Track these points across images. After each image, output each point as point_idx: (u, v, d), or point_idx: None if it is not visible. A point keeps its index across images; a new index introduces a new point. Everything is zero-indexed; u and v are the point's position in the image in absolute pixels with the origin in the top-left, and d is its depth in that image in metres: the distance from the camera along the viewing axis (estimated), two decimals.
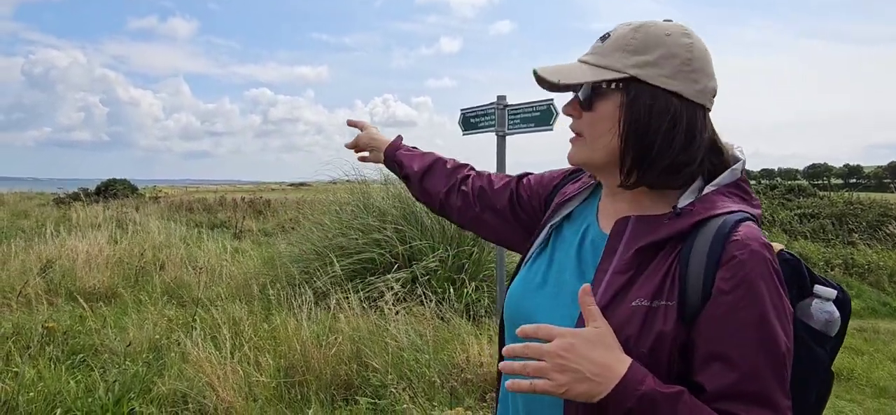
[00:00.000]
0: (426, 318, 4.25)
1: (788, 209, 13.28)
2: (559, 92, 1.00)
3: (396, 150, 1.41)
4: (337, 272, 4.97)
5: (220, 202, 18.74)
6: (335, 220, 6.18)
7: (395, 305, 4.30)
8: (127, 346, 3.95)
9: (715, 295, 0.80)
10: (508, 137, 4.50)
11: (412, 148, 1.42)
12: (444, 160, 1.36)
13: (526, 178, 1.24)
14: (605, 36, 0.93)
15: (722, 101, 0.96)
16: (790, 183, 19.09)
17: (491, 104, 4.47)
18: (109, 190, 20.29)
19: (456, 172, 1.32)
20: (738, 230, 0.82)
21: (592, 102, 0.92)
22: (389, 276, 4.94)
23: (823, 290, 0.87)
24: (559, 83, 0.92)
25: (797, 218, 12.27)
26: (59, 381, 3.35)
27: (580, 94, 0.94)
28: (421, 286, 4.78)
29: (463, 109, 4.80)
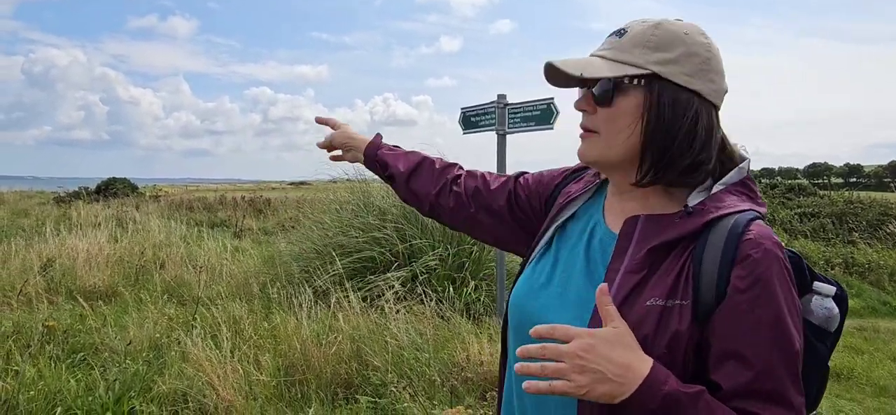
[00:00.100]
0: (426, 316, 4.25)
1: (789, 208, 13.29)
2: (571, 87, 0.97)
3: (378, 149, 1.35)
4: (337, 271, 4.98)
5: (220, 201, 18.73)
6: (335, 218, 6.18)
7: (395, 304, 4.30)
8: (127, 345, 3.95)
9: (730, 294, 0.80)
10: (508, 136, 4.51)
11: (394, 147, 1.36)
12: (431, 159, 1.31)
13: (522, 177, 1.21)
14: (620, 32, 0.90)
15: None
16: (790, 182, 19.09)
17: (491, 103, 4.48)
18: (110, 189, 20.31)
19: (445, 172, 1.28)
20: (750, 229, 0.82)
21: (613, 98, 0.89)
22: (389, 274, 4.94)
23: (823, 286, 0.88)
24: (582, 76, 0.89)
25: (797, 217, 12.28)
26: (59, 379, 3.35)
27: (595, 89, 0.91)
28: (421, 285, 4.78)
29: (463, 108, 4.80)
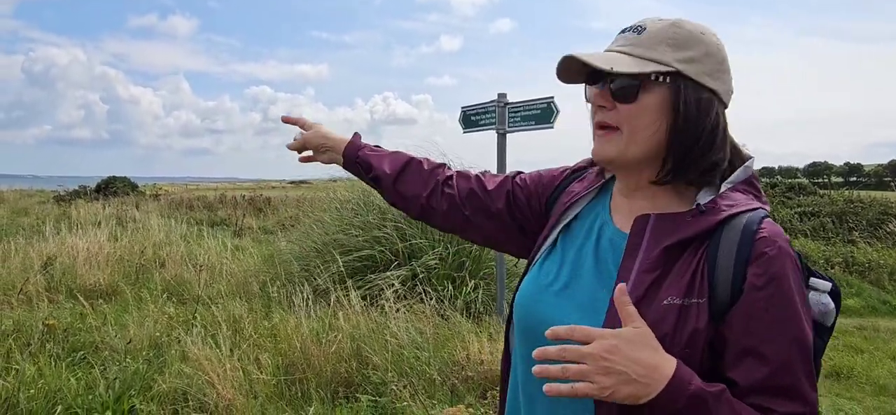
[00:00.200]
0: (426, 315, 4.26)
1: (789, 207, 13.28)
2: (579, 83, 0.95)
3: (358, 150, 1.26)
4: (337, 270, 4.98)
5: (220, 200, 18.75)
6: (335, 217, 6.19)
7: (395, 303, 4.30)
8: (127, 343, 3.95)
9: (747, 291, 0.80)
10: (509, 135, 4.51)
11: (376, 147, 1.28)
12: (418, 160, 1.25)
13: (518, 177, 1.18)
14: (638, 29, 0.89)
15: None
16: (790, 181, 19.07)
17: (491, 102, 4.48)
18: (110, 187, 20.31)
19: (435, 174, 1.22)
20: (763, 227, 0.83)
21: (637, 94, 0.87)
22: (389, 273, 4.94)
23: (820, 282, 0.89)
24: (613, 71, 0.86)
25: (797, 216, 12.27)
26: (59, 378, 3.35)
27: (613, 85, 0.88)
28: (421, 284, 4.78)
29: (463, 107, 4.81)
